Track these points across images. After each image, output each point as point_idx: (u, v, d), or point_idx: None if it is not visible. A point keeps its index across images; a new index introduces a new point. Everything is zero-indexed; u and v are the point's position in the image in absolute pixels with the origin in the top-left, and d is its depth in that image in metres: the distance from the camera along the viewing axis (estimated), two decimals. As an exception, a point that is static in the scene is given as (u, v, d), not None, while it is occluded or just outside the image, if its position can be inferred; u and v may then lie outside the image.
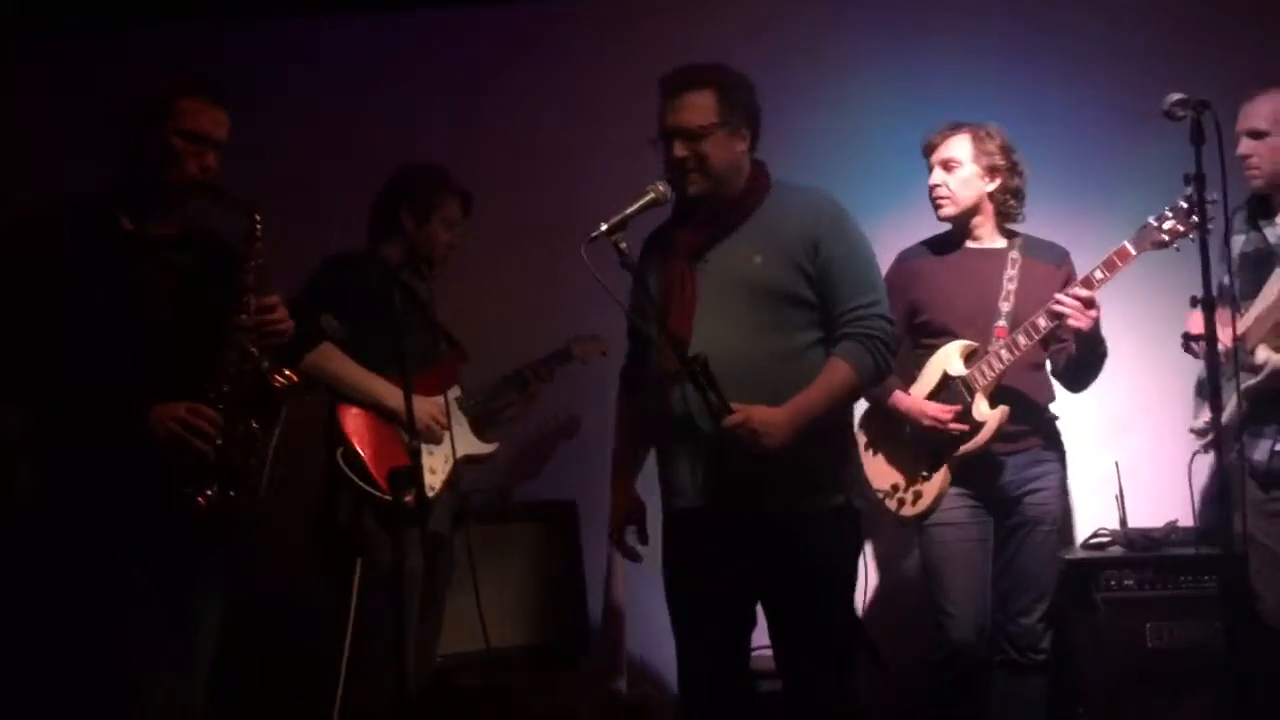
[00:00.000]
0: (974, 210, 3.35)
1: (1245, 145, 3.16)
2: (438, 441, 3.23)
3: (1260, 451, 3.13)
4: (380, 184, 3.36)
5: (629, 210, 2.65)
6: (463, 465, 3.33)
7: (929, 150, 3.36)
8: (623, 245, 2.62)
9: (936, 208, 3.35)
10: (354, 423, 3.18)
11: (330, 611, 3.14)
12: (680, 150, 2.69)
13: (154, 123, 2.58)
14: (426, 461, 3.17)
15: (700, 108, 2.69)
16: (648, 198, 2.69)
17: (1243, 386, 3.07)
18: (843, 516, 2.76)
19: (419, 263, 3.29)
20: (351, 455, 3.14)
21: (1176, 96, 2.68)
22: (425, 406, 3.17)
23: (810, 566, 2.69)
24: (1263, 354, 3.07)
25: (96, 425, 2.51)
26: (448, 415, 3.20)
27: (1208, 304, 2.64)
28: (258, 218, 2.62)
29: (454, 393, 3.38)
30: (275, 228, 2.65)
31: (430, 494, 3.18)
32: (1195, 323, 2.89)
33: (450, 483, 3.29)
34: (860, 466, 3.00)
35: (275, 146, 3.83)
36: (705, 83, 2.71)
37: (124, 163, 2.62)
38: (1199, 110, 2.64)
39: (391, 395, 3.12)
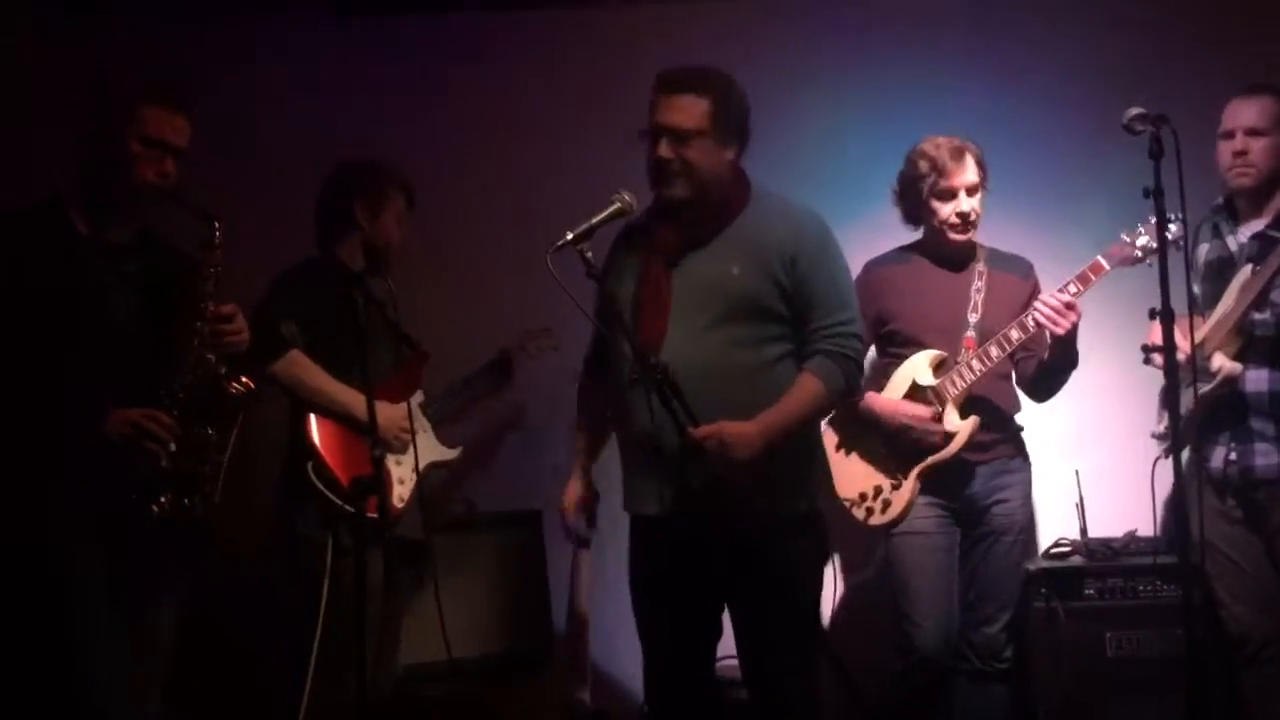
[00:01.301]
0: None
1: (1240, 142, 3.16)
2: (404, 451, 3.21)
3: (1216, 459, 3.17)
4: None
5: (594, 220, 2.66)
6: (430, 471, 3.30)
7: (943, 172, 3.27)
8: (588, 254, 2.62)
9: (960, 232, 3.30)
10: (323, 434, 3.13)
11: (292, 618, 3.11)
12: (665, 150, 2.69)
13: (114, 127, 2.57)
14: (395, 471, 3.17)
15: (693, 111, 2.69)
16: (613, 208, 2.70)
17: (1201, 392, 3.12)
18: (809, 523, 2.77)
19: (376, 262, 3.24)
20: (321, 468, 3.09)
21: (1136, 111, 2.71)
22: (390, 415, 3.14)
23: (777, 573, 2.70)
24: (1218, 360, 3.11)
25: (51, 429, 2.49)
26: (411, 422, 3.17)
27: (1166, 315, 2.67)
28: (217, 225, 2.62)
29: (417, 398, 3.35)
30: (239, 233, 2.64)
31: (400, 504, 3.17)
32: (1158, 334, 2.92)
33: (419, 490, 3.27)
34: (827, 473, 3.02)
35: (241, 150, 3.81)
36: (703, 88, 2.70)
37: (81, 165, 2.60)
38: (1158, 125, 2.67)
39: (360, 406, 3.05)
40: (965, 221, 3.31)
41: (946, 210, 3.30)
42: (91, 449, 2.49)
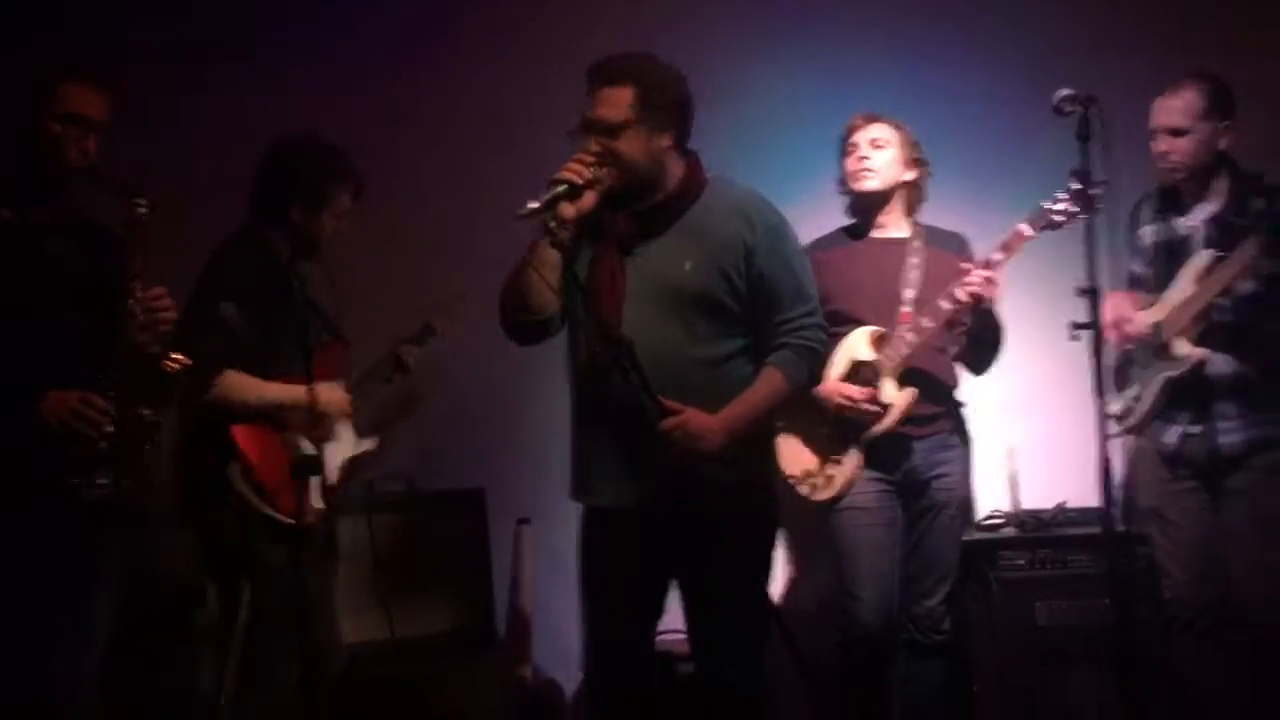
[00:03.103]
0: (889, 195, 3.42)
1: (1164, 143, 3.20)
2: (330, 439, 3.13)
3: (1170, 435, 3.22)
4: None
5: (558, 190, 2.59)
6: (351, 467, 3.25)
7: (851, 131, 3.41)
8: (552, 224, 2.58)
9: (857, 180, 3.39)
10: (245, 437, 3.01)
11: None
12: (594, 145, 2.66)
13: (32, 108, 2.53)
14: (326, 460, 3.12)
15: (616, 103, 2.66)
16: (578, 180, 2.63)
17: (1165, 376, 3.18)
18: (761, 507, 2.81)
19: (306, 249, 3.13)
20: (247, 471, 2.98)
21: (1065, 92, 2.75)
22: (331, 396, 3.08)
23: (730, 556, 2.72)
24: (1184, 347, 3.16)
25: None
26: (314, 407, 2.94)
27: (1092, 294, 2.72)
28: (141, 202, 2.57)
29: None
30: (184, 210, 2.60)
31: (318, 505, 3.07)
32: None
33: (341, 484, 3.22)
34: (774, 456, 3.05)
35: (195, 126, 3.76)
36: (624, 77, 2.67)
37: (3, 151, 2.57)
38: (1086, 105, 2.71)
39: (294, 397, 2.97)
40: (862, 166, 3.37)
41: (849, 162, 3.40)
42: (26, 433, 2.46)
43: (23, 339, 2.51)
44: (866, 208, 3.45)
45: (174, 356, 2.59)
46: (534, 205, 2.56)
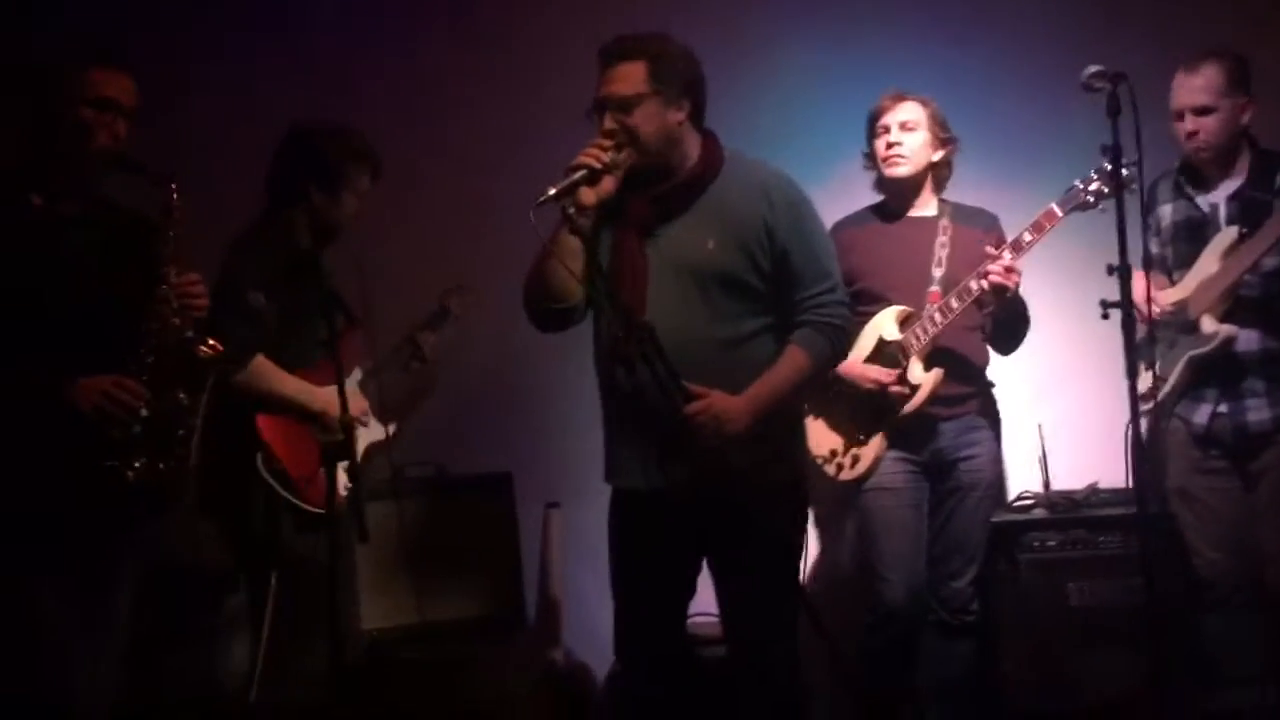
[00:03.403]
0: (921, 176, 3.40)
1: (1191, 122, 3.18)
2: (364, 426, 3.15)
3: (1200, 414, 3.21)
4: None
5: (577, 176, 2.60)
6: (371, 453, 3.26)
7: (880, 113, 3.38)
8: (570, 210, 2.58)
9: (890, 165, 3.37)
10: (271, 427, 3.03)
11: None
12: (609, 122, 2.66)
13: (62, 95, 2.53)
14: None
15: (630, 78, 2.66)
16: (597, 165, 2.63)
17: (1190, 354, 3.16)
18: (793, 489, 2.80)
19: (327, 233, 3.12)
20: (272, 461, 3.01)
21: (1094, 69, 2.72)
22: (354, 404, 3.06)
23: (761, 540, 2.70)
24: (1211, 324, 3.14)
25: (18, 401, 2.47)
26: (342, 398, 2.88)
27: (1124, 272, 2.70)
28: (174, 188, 2.58)
29: (356, 375, 3.27)
30: (205, 198, 2.61)
31: (344, 491, 3.10)
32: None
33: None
34: (804, 437, 3.05)
35: (210, 114, 3.77)
36: (636, 52, 2.67)
37: (30, 137, 2.57)
38: (1115, 83, 2.68)
39: (315, 398, 3.02)
40: (893, 152, 3.35)
41: (880, 145, 3.37)
42: (60, 419, 2.47)
43: (54, 327, 2.52)
44: (897, 191, 3.43)
45: (209, 341, 2.60)
46: (552, 191, 2.56)
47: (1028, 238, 3.23)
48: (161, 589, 2.77)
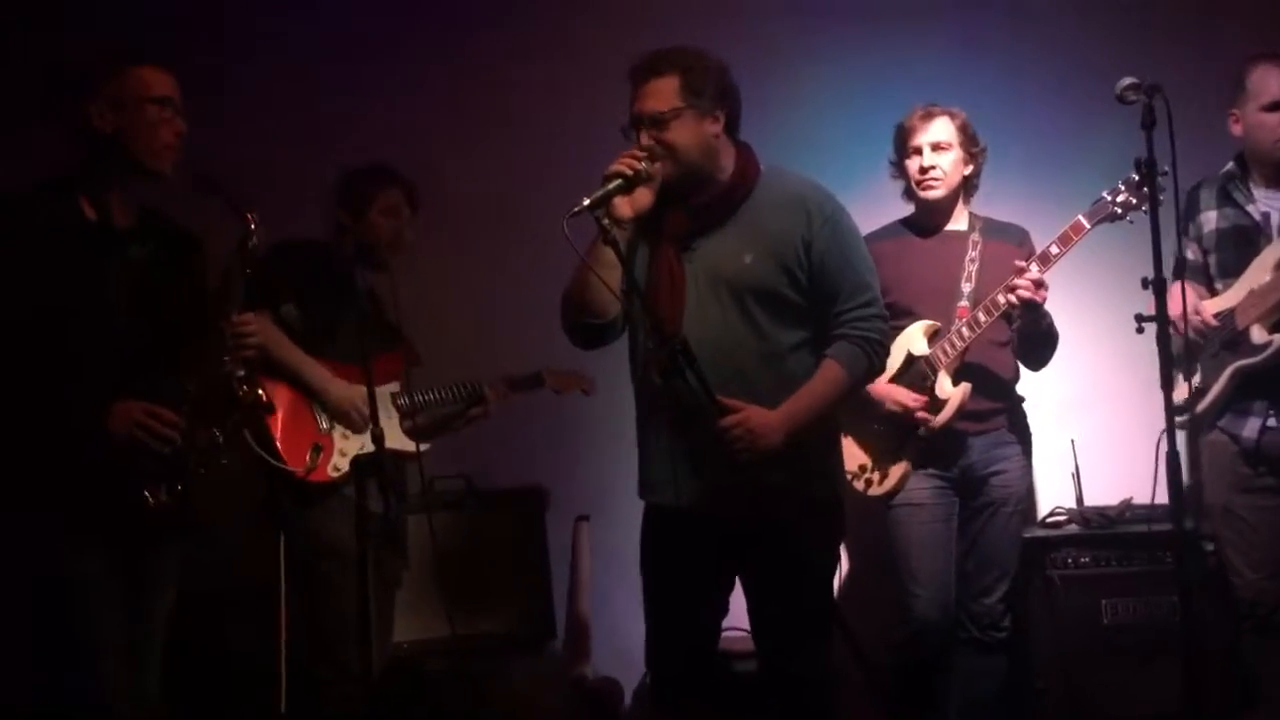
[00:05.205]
0: (955, 195, 3.39)
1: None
2: (355, 430, 3.20)
3: (1249, 429, 3.16)
4: (329, 167, 3.34)
5: (611, 186, 2.59)
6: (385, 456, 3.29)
7: (911, 132, 3.36)
8: (605, 221, 2.58)
9: (925, 189, 3.35)
10: (270, 397, 3.02)
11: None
12: (645, 139, 2.66)
13: (123, 96, 2.49)
14: (339, 444, 3.18)
15: (664, 93, 2.65)
16: (631, 174, 2.63)
17: (1237, 365, 3.12)
18: (828, 507, 2.78)
19: (369, 254, 3.22)
20: (261, 429, 3.04)
21: (1128, 81, 2.70)
22: (348, 393, 3.18)
23: (797, 559, 2.68)
24: (1261, 335, 3.10)
25: (52, 420, 2.47)
26: (372, 407, 2.94)
27: (1159, 285, 2.68)
28: (253, 221, 2.56)
29: (390, 388, 3.32)
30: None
31: (335, 474, 3.17)
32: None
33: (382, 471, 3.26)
34: (842, 454, 3.04)
35: (224, 127, 3.80)
36: (668, 67, 2.67)
37: (86, 147, 2.52)
38: (1150, 94, 2.67)
39: (313, 371, 3.14)
40: (928, 176, 3.33)
41: (913, 166, 3.35)
42: (93, 441, 2.46)
43: (97, 344, 2.51)
44: (930, 209, 3.41)
45: (257, 391, 2.58)
46: (587, 201, 2.56)
47: (1055, 250, 3.21)
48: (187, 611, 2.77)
